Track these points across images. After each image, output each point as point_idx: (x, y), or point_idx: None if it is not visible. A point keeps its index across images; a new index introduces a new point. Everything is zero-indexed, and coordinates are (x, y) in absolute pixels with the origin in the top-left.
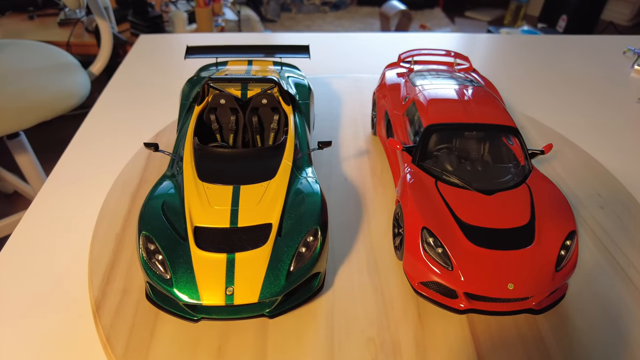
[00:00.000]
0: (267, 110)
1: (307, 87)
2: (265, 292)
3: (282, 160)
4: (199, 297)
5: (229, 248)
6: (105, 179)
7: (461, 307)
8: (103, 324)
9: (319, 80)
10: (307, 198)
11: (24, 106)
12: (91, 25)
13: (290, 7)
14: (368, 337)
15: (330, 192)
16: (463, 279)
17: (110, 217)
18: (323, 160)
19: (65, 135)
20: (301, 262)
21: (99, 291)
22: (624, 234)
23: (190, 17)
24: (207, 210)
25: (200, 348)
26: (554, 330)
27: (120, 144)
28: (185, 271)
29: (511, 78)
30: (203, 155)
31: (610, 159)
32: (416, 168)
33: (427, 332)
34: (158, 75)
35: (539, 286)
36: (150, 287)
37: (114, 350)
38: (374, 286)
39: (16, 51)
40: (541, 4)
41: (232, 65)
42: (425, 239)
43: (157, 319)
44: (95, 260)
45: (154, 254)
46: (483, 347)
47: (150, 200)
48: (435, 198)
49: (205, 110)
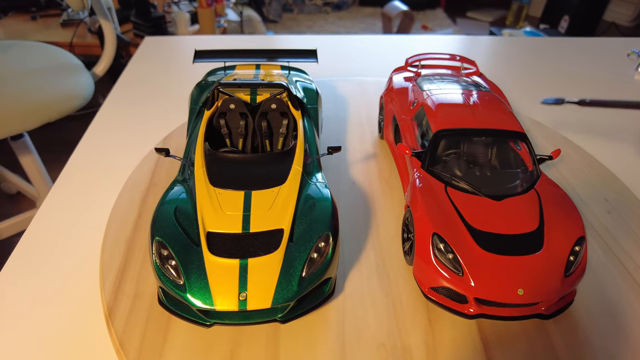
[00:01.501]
0: (276, 115)
1: (315, 91)
2: (278, 298)
3: (293, 165)
4: (213, 302)
5: (241, 254)
6: (113, 183)
7: (471, 312)
8: (116, 328)
9: (325, 83)
10: (317, 203)
11: (27, 107)
12: (94, 26)
13: (292, 7)
14: (379, 342)
15: (339, 196)
16: (473, 284)
17: (120, 221)
18: (331, 164)
19: (69, 136)
20: (313, 268)
21: (111, 296)
22: (632, 238)
23: (193, 18)
24: (220, 216)
25: (213, 353)
26: (563, 336)
27: (129, 147)
28: (198, 277)
29: (515, 80)
30: (214, 161)
31: (617, 162)
32: (425, 173)
33: (438, 337)
34: (164, 78)
35: (548, 291)
36: (162, 292)
37: (127, 355)
38: (384, 291)
39: (19, 52)
40: (543, 4)
41: (240, 69)
42: (436, 244)
43: (169, 324)
44: (106, 265)
45: (167, 259)
46: (493, 352)
47: (162, 206)
48: (445, 203)
49: (215, 114)
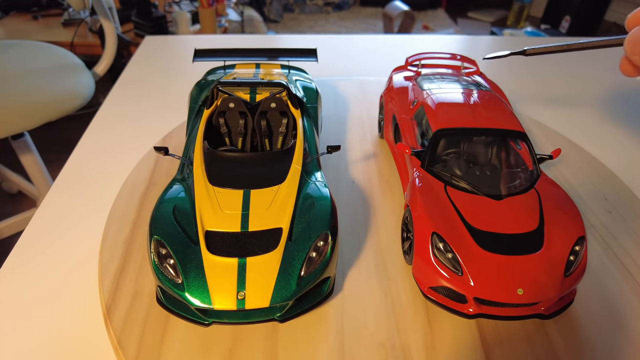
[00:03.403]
0: (275, 114)
1: (315, 90)
2: (277, 297)
3: (292, 164)
4: (211, 301)
5: (240, 252)
6: (113, 182)
7: (470, 312)
8: (114, 327)
9: (325, 82)
10: (317, 202)
11: (28, 107)
12: (95, 26)
13: (293, 7)
14: (378, 341)
15: (339, 196)
16: (473, 284)
17: (119, 220)
18: (331, 163)
19: (69, 135)
20: (312, 267)
21: (110, 295)
22: (633, 238)
23: (194, 18)
24: (218, 215)
25: (211, 352)
26: (562, 336)
27: (128, 147)
28: (196, 275)
29: (516, 80)
30: (213, 159)
31: (617, 162)
32: (425, 172)
33: (437, 337)
34: (164, 77)
35: (548, 291)
36: (161, 291)
37: (125, 353)
38: (383, 290)
39: (20, 52)
40: (544, 4)
41: (240, 68)
42: (435, 244)
43: (167, 323)
44: (105, 264)
45: (166, 258)
46: (492, 352)
47: (161, 204)
48: (444, 203)
49: (214, 113)
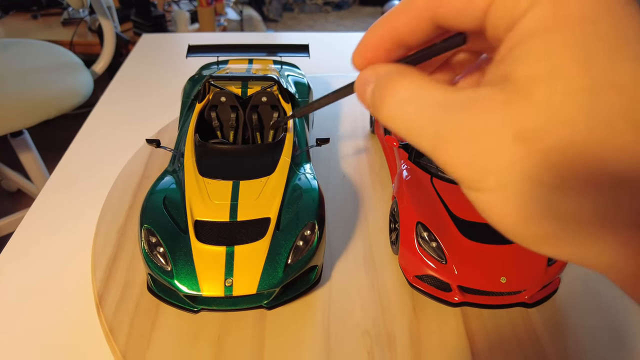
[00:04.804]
0: (266, 108)
1: (307, 85)
2: (264, 284)
3: (281, 156)
4: (199, 288)
5: (228, 241)
6: (107, 176)
7: (455, 300)
8: (106, 315)
9: (320, 79)
10: (305, 193)
11: (27, 105)
12: (94, 25)
13: (293, 6)
14: (363, 329)
15: (329, 188)
16: (456, 272)
17: (112, 212)
18: (322, 157)
19: (68, 133)
20: (299, 255)
21: (102, 284)
22: None
23: (193, 17)
24: (208, 205)
25: (200, 338)
26: (546, 324)
27: (123, 142)
28: (185, 263)
29: None
30: (204, 152)
31: None
32: (412, 165)
33: (422, 325)
34: (160, 74)
35: (531, 280)
36: (151, 278)
37: (116, 340)
38: (370, 280)
39: (20, 50)
40: None
41: (233, 64)
42: (420, 233)
43: (158, 311)
44: (97, 254)
45: (156, 246)
46: (476, 340)
47: (152, 195)
48: (430, 194)
49: (206, 107)
